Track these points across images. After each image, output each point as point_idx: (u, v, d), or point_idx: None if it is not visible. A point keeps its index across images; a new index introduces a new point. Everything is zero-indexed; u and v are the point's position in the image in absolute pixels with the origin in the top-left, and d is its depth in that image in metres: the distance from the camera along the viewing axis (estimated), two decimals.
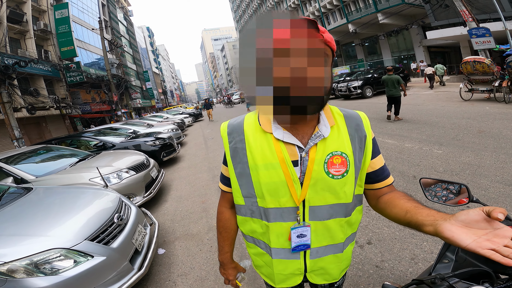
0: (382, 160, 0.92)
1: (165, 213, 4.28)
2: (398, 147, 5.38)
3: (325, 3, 30.46)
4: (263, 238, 0.93)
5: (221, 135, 0.93)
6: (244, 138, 0.87)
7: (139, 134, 8.74)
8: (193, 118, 21.54)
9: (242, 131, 0.88)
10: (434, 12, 18.75)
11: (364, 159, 0.88)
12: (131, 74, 40.61)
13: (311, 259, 0.91)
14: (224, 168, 0.98)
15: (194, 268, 2.74)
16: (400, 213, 0.78)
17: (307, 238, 0.87)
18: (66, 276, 1.87)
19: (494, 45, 13.11)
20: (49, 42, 21.37)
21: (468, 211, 0.59)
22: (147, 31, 74.16)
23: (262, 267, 0.99)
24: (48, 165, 4.61)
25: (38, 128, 19.48)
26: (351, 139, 0.85)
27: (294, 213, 0.85)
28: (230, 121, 0.94)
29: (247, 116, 0.92)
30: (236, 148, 0.88)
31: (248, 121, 0.89)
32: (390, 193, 0.89)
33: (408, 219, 0.73)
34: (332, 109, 0.89)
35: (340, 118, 0.87)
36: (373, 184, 0.92)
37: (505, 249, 0.53)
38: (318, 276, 0.95)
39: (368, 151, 0.88)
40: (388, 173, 0.93)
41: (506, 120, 6.18)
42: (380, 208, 0.89)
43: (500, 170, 3.65)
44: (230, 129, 0.91)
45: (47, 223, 2.24)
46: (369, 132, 0.88)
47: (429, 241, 2.45)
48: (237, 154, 0.88)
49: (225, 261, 1.09)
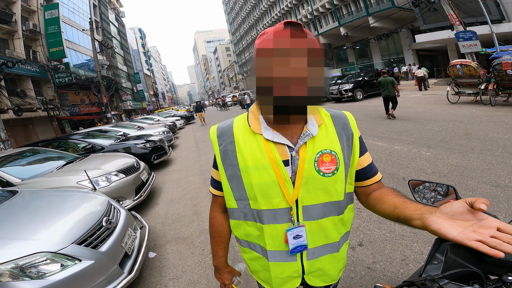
0: (369, 158, 0.94)
1: (156, 216, 4.22)
2: (388, 149, 5.45)
3: (317, 6, 30.85)
4: (259, 241, 0.92)
5: (210, 138, 0.94)
6: (234, 140, 0.87)
7: (129, 136, 8.63)
8: (185, 120, 21.41)
9: (231, 133, 0.88)
10: (423, 16, 19.20)
11: (353, 157, 0.89)
12: (122, 75, 40.16)
13: (308, 260, 0.90)
14: (215, 172, 0.97)
15: (186, 272, 2.71)
16: (389, 209, 0.79)
17: (303, 239, 0.87)
18: (53, 280, 1.84)
19: (481, 49, 13.43)
20: (37, 43, 21.01)
21: (452, 203, 0.60)
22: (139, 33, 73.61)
23: (259, 272, 0.98)
24: (34, 168, 4.51)
25: (25, 130, 19.06)
26: (339, 138, 0.87)
27: (288, 214, 0.85)
28: (220, 124, 0.94)
29: (236, 118, 0.93)
30: (226, 151, 0.88)
31: (238, 123, 0.90)
32: (379, 189, 0.91)
33: (397, 214, 0.75)
34: (319, 109, 0.90)
35: (327, 118, 0.89)
36: (362, 181, 0.94)
37: (492, 239, 0.53)
38: (316, 278, 0.94)
39: (356, 149, 0.90)
40: (376, 170, 0.95)
41: (492, 123, 6.34)
42: (370, 204, 0.91)
43: (487, 171, 3.73)
44: (220, 132, 0.91)
45: (33, 227, 2.19)
46: (355, 130, 0.91)
47: (419, 242, 2.48)
48: (227, 157, 0.88)
49: (220, 266, 1.08)
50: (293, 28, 0.71)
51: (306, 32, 0.72)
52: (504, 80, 8.23)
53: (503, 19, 16.40)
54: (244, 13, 56.80)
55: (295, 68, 0.68)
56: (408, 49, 24.66)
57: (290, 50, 0.68)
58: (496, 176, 3.56)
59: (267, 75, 0.70)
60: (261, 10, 46.28)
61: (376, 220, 2.97)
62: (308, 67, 0.69)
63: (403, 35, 24.17)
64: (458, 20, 14.03)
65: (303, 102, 0.71)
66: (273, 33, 0.72)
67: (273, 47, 0.70)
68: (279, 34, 0.71)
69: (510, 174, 3.57)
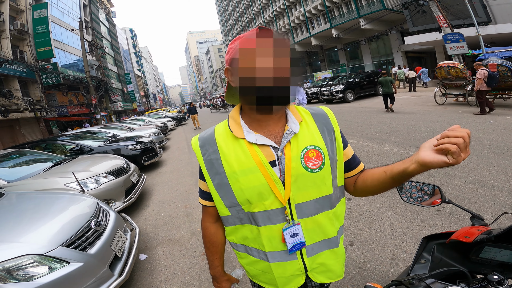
0: (351, 150, 0.98)
1: (147, 218, 4.17)
2: (378, 150, 5.52)
3: (310, 8, 31.11)
4: (255, 244, 0.92)
5: (193, 149, 0.93)
6: (217, 148, 0.87)
7: (119, 138, 8.50)
8: (176, 122, 21.21)
9: (214, 141, 0.88)
10: (412, 18, 19.56)
11: (338, 150, 0.92)
12: (112, 76, 39.60)
13: (308, 257, 0.91)
14: (202, 183, 0.96)
15: (177, 274, 2.68)
16: (381, 177, 0.84)
17: (300, 237, 0.87)
18: (41, 283, 1.82)
19: (467, 50, 13.75)
20: (25, 43, 20.57)
21: (428, 141, 0.68)
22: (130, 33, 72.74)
23: (259, 275, 0.97)
24: (21, 169, 4.40)
25: (11, 131, 18.59)
26: (321, 133, 0.89)
27: (281, 214, 0.85)
28: (201, 134, 0.94)
29: (217, 126, 0.93)
30: (211, 160, 0.87)
31: (219, 131, 0.90)
32: (361, 173, 0.97)
33: (389, 175, 0.80)
34: (297, 108, 0.93)
35: (307, 115, 0.91)
36: (348, 172, 0.97)
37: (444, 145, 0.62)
38: (320, 274, 0.94)
39: (340, 142, 0.92)
40: (359, 160, 0.99)
41: (478, 124, 6.50)
42: (360, 188, 0.95)
43: (473, 171, 3.82)
44: (202, 142, 0.90)
45: (19, 229, 2.15)
46: (335, 125, 0.93)
47: (408, 241, 2.53)
48: (213, 166, 0.87)
49: (218, 275, 1.07)
50: (263, 30, 0.77)
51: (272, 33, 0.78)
52: None
53: (489, 21, 16.82)
54: (237, 14, 56.76)
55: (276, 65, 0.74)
56: (397, 51, 25.08)
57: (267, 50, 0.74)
58: (482, 175, 3.65)
59: (250, 74, 0.74)
60: (254, 12, 46.35)
61: (366, 220, 3.01)
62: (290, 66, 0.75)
63: (393, 37, 24.60)
64: (446, 22, 14.35)
65: (284, 92, 0.76)
66: (248, 36, 0.78)
67: (255, 47, 0.74)
68: (255, 37, 0.76)
69: (495, 173, 3.66)
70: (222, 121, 0.93)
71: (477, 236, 0.85)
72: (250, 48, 0.75)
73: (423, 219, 2.84)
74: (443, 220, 2.75)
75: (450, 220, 2.74)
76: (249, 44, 0.76)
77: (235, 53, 0.79)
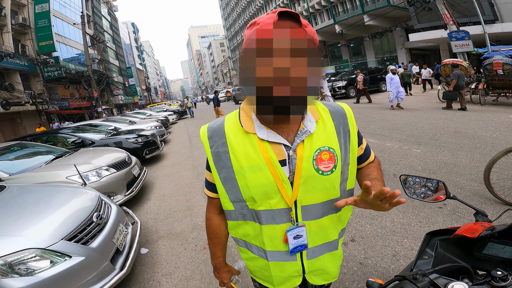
0: (365, 143, 0.97)
1: (148, 211, 4.18)
2: (380, 146, 5.50)
3: (313, 3, 30.82)
4: (255, 241, 0.91)
5: (201, 139, 0.88)
6: (226, 141, 0.82)
7: (121, 131, 8.50)
8: (178, 115, 21.18)
9: (223, 133, 0.83)
10: (417, 15, 19.34)
11: (352, 153, 0.88)
12: (114, 70, 39.51)
13: (308, 260, 0.90)
14: (208, 174, 0.93)
15: (179, 268, 2.69)
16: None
17: (303, 239, 0.85)
18: (43, 277, 1.81)
19: (473, 48, 13.63)
20: (27, 37, 20.54)
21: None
22: (132, 27, 72.38)
23: (257, 271, 0.98)
24: (22, 162, 4.40)
25: (13, 124, 18.66)
26: (337, 133, 0.84)
27: (286, 215, 0.83)
28: (210, 124, 0.89)
29: (227, 117, 0.87)
30: (219, 153, 0.84)
31: (229, 122, 0.85)
32: (367, 166, 0.98)
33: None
34: (316, 104, 0.87)
35: (325, 113, 0.86)
36: (359, 164, 0.97)
37: None
38: (317, 276, 0.94)
39: (354, 145, 0.88)
40: (369, 152, 0.98)
41: (481, 121, 6.46)
42: (359, 179, 0.98)
43: (475, 169, 3.80)
44: (211, 133, 0.86)
45: (21, 223, 2.14)
46: (352, 126, 0.89)
47: (409, 238, 2.52)
48: (220, 159, 0.84)
49: (219, 266, 1.07)
50: (288, 20, 0.68)
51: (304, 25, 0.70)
52: (494, 80, 8.39)
53: (496, 19, 16.63)
54: (239, 8, 56.32)
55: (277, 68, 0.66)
56: (401, 47, 24.88)
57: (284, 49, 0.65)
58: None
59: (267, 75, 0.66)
60: (257, 6, 45.97)
61: (368, 216, 3.00)
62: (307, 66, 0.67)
63: (397, 33, 24.37)
64: (452, 19, 14.18)
65: (302, 102, 0.69)
66: (265, 28, 0.68)
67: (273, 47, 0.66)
68: (273, 29, 0.67)
69: (497, 172, 3.64)
70: (233, 111, 0.89)
71: (481, 232, 0.84)
72: (265, 48, 0.66)
73: (425, 216, 2.83)
74: (445, 217, 2.75)
75: (452, 217, 2.74)
76: (264, 44, 0.66)
77: (251, 43, 0.70)
